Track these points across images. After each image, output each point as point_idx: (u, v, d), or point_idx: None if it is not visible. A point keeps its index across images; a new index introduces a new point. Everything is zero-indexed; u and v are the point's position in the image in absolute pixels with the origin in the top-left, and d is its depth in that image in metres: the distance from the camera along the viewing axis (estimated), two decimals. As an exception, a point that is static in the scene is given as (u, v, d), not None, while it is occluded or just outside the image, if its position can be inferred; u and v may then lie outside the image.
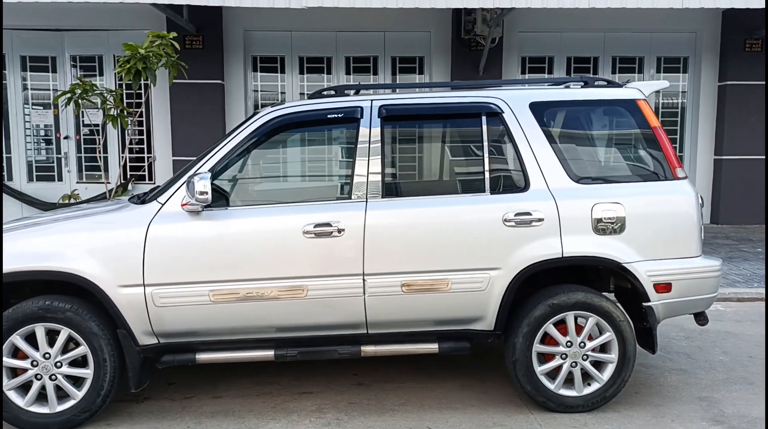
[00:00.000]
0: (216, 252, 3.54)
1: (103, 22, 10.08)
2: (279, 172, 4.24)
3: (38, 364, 3.50)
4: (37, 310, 3.46)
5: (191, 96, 10.04)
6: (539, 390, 3.72)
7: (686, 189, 3.78)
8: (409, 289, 3.61)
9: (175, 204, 3.58)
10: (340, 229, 3.57)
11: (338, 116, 3.76)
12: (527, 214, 3.64)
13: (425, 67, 10.75)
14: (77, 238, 3.53)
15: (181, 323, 3.56)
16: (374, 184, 3.66)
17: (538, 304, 3.68)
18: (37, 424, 3.51)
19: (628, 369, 3.74)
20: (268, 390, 4.13)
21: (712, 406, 3.87)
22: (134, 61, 5.98)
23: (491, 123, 3.80)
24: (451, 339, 3.77)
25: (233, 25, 10.24)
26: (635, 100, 3.88)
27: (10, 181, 10.49)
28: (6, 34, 10.20)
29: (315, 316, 3.62)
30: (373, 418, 3.71)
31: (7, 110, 10.40)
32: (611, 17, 10.26)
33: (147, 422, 3.68)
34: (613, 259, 3.66)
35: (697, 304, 3.86)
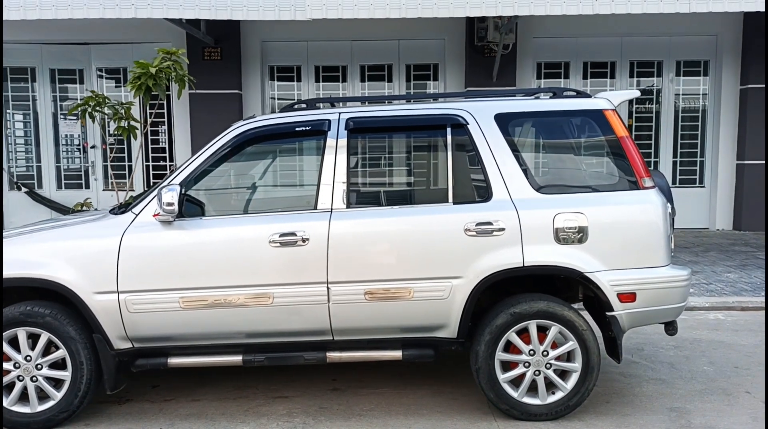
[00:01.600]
0: (185, 260, 3.69)
1: (127, 36, 10.45)
2: (250, 183, 4.39)
3: (20, 366, 3.71)
4: (18, 315, 3.67)
5: (210, 105, 10.32)
6: (502, 398, 3.76)
7: (652, 198, 3.78)
8: (372, 297, 3.70)
9: (147, 214, 3.75)
10: (304, 238, 3.69)
11: (306, 129, 3.89)
12: (488, 223, 3.69)
13: (439, 74, 10.82)
14: (56, 247, 3.73)
15: (154, 328, 3.72)
16: (339, 195, 3.77)
17: (500, 313, 3.73)
18: (20, 423, 3.72)
19: (592, 378, 3.76)
20: (246, 394, 4.26)
21: (681, 417, 3.85)
22: (144, 78, 6.23)
23: (456, 134, 3.87)
24: (415, 346, 3.84)
25: (251, 37, 10.49)
26: (602, 110, 3.89)
27: (40, 189, 10.94)
28: (36, 48, 10.68)
29: (281, 323, 3.74)
30: (338, 423, 3.81)
31: (37, 120, 10.87)
32: (628, 21, 10.14)
33: (123, 423, 3.85)
34: (574, 268, 3.68)
35: (664, 313, 3.85)
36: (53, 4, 7.82)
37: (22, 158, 11.08)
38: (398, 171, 4.30)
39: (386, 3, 7.74)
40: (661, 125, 10.89)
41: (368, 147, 4.02)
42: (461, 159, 3.87)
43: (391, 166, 4.06)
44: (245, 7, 7.84)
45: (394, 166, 4.11)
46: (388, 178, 4.18)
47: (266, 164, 4.38)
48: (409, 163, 4.45)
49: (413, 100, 4.38)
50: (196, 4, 7.84)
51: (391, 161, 4.05)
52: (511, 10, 7.74)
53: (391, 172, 4.15)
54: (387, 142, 4.07)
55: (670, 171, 10.94)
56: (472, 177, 3.87)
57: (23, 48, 10.65)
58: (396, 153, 4.26)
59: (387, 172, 4.13)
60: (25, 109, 10.92)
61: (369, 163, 4.05)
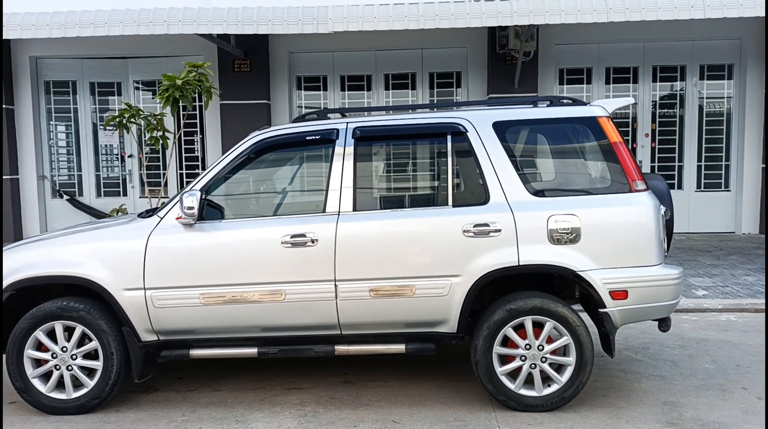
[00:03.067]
0: (205, 260, 4.02)
1: (162, 50, 10.93)
2: (265, 188, 4.70)
3: (57, 356, 4.08)
4: (55, 310, 4.04)
5: (240, 115, 10.73)
6: (500, 389, 3.98)
7: (643, 201, 3.96)
8: (376, 294, 3.96)
9: (171, 218, 4.09)
10: (313, 239, 3.98)
11: (316, 138, 4.19)
12: (485, 225, 3.93)
13: (462, 82, 11.05)
14: (90, 248, 4.10)
15: (177, 322, 4.06)
16: (346, 198, 4.06)
17: (497, 309, 3.96)
18: (56, 408, 4.09)
19: (586, 371, 3.95)
20: (263, 385, 4.57)
21: (673, 410, 4.01)
22: (172, 90, 6.64)
23: (456, 141, 4.12)
24: (417, 340, 4.09)
25: (279, 49, 10.88)
26: (596, 118, 4.09)
27: (80, 196, 11.51)
28: (77, 63, 11.27)
29: (293, 318, 4.04)
30: (346, 412, 4.08)
31: (78, 131, 11.45)
32: (651, 27, 10.23)
33: (150, 410, 4.19)
34: (567, 267, 3.89)
35: (656, 310, 4.03)
36: (91, 22, 8.32)
37: (65, 167, 11.66)
38: (402, 176, 4.57)
39: (405, 15, 8.03)
40: (685, 129, 10.92)
41: (373, 153, 4.29)
42: (461, 164, 4.12)
43: (395, 172, 4.32)
44: (270, 21, 8.22)
45: (399, 172, 4.37)
46: (392, 183, 4.45)
47: (280, 171, 4.69)
48: (412, 168, 4.72)
49: (415, 109, 4.64)
50: (224, 19, 8.24)
51: (395, 167, 4.31)
52: (526, 20, 7.95)
53: (396, 178, 4.42)
54: (392, 149, 4.34)
55: (695, 175, 10.96)
56: (471, 181, 4.11)
57: (65, 63, 11.25)
58: (400, 159, 4.52)
59: (392, 178, 4.40)
60: (67, 120, 11.50)
61: (375, 168, 4.32)
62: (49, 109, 11.43)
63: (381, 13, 8.06)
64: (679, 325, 5.93)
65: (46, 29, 8.38)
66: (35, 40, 10.46)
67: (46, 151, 11.49)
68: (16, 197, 11.19)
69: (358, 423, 3.91)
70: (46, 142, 11.48)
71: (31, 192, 11.33)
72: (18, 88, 11.13)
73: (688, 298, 6.71)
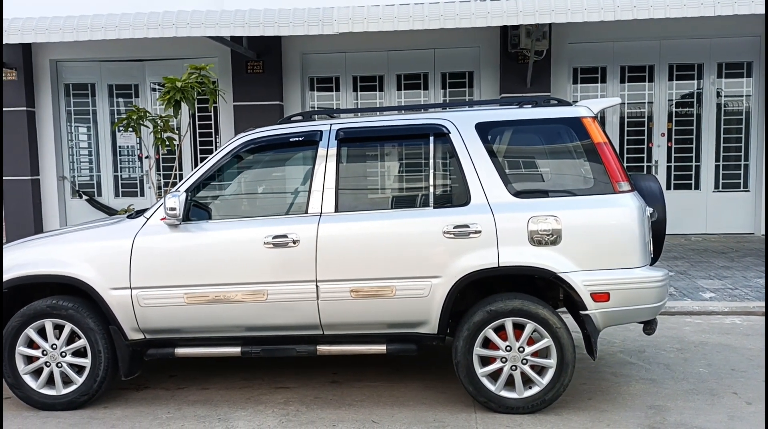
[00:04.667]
0: (189, 260, 4.08)
1: (177, 53, 11.06)
2: (250, 189, 4.75)
3: (47, 353, 4.18)
4: (45, 308, 4.14)
5: (253, 116, 10.81)
6: (481, 391, 3.97)
7: (626, 202, 3.91)
8: (357, 295, 3.98)
9: (156, 219, 4.16)
10: (294, 239, 4.01)
11: (300, 139, 4.22)
12: (465, 226, 3.92)
13: (474, 81, 11.01)
14: (79, 248, 4.19)
15: (162, 321, 4.13)
16: (328, 199, 4.08)
17: (478, 311, 3.95)
18: (46, 404, 4.19)
19: (567, 374, 3.92)
20: (251, 384, 4.62)
21: (657, 414, 3.96)
22: (173, 92, 6.74)
23: (438, 142, 4.12)
24: (399, 341, 4.10)
25: (291, 50, 10.96)
26: (580, 118, 4.05)
27: (99, 197, 11.74)
28: (95, 66, 11.50)
29: (275, 318, 4.08)
30: (328, 411, 4.11)
31: (97, 133, 11.68)
32: (667, 24, 10.05)
33: (137, 407, 4.27)
34: (547, 268, 3.86)
35: (639, 313, 3.97)
36: (103, 25, 8.48)
37: (85, 168, 11.91)
38: (384, 177, 4.59)
39: (410, 15, 8.03)
40: (702, 128, 10.71)
41: (355, 155, 4.31)
42: (443, 166, 4.12)
43: (378, 173, 4.34)
44: (276, 23, 8.28)
45: (381, 173, 4.39)
46: (375, 184, 4.46)
47: (265, 172, 4.74)
48: (395, 169, 4.73)
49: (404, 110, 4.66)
50: (231, 22, 8.34)
51: (378, 168, 4.33)
52: (532, 19, 7.89)
53: (378, 179, 4.44)
54: (375, 150, 4.36)
55: (713, 175, 10.75)
56: (452, 183, 4.11)
57: (84, 66, 11.48)
58: (383, 161, 4.54)
59: (374, 179, 4.42)
60: (86, 122, 11.75)
61: (357, 170, 4.35)
62: (69, 111, 11.69)
63: (386, 14, 8.07)
64: (681, 328, 5.83)
65: (59, 33, 8.57)
66: (55, 44, 10.69)
67: (66, 152, 11.74)
68: (36, 197, 11.47)
69: (338, 423, 3.94)
70: (66, 144, 11.74)
71: (52, 192, 11.59)
72: (38, 90, 11.40)
73: (694, 300, 6.60)
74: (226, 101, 8.88)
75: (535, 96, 4.26)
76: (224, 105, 10.95)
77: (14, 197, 11.32)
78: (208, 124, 11.36)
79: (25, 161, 11.24)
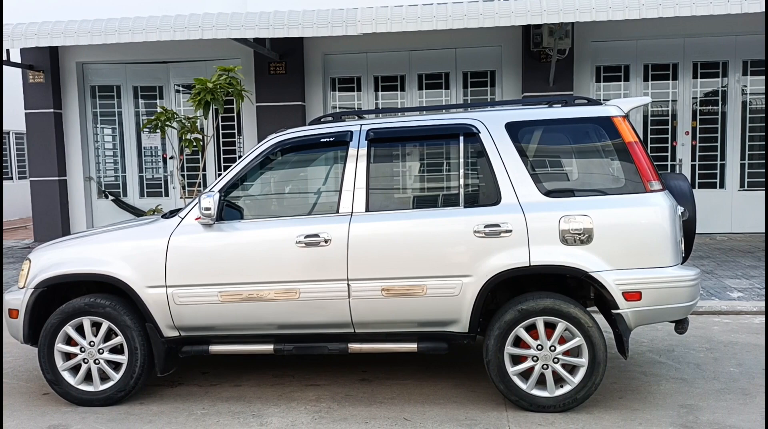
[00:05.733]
0: (223, 259, 4.15)
1: (201, 54, 11.21)
2: (282, 189, 4.81)
3: (85, 350, 4.27)
4: (83, 306, 4.23)
5: (275, 117, 10.92)
6: (512, 389, 3.99)
7: (658, 201, 3.91)
8: (388, 294, 4.03)
9: (191, 218, 4.23)
10: (326, 239, 4.06)
11: (330, 140, 4.27)
12: (496, 226, 3.95)
13: (496, 81, 11.00)
14: (116, 247, 4.28)
15: (197, 319, 4.20)
16: (359, 199, 4.13)
17: (509, 310, 3.97)
18: (84, 400, 4.28)
19: (599, 373, 3.93)
20: (282, 381, 4.68)
21: (690, 413, 3.95)
22: (203, 94, 6.84)
23: (468, 142, 4.15)
24: (429, 339, 4.14)
25: (313, 51, 11.03)
26: (610, 117, 4.06)
27: (125, 197, 11.91)
28: (121, 68, 11.66)
29: (307, 316, 4.13)
30: (360, 408, 4.15)
31: (122, 134, 11.85)
32: (691, 22, 9.94)
33: (172, 403, 4.35)
34: (579, 268, 3.88)
35: (671, 312, 3.97)
36: (130, 28, 8.61)
37: (111, 169, 12.08)
38: (414, 177, 4.63)
39: (433, 15, 8.06)
40: (727, 127, 10.62)
41: (385, 154, 4.36)
42: (473, 165, 4.14)
43: (408, 173, 4.38)
44: (300, 24, 8.36)
45: (411, 173, 4.43)
46: (405, 183, 4.50)
47: (297, 172, 4.80)
48: (424, 169, 4.76)
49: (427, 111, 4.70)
50: (256, 24, 8.42)
51: (408, 168, 4.37)
52: (556, 18, 7.88)
53: (408, 179, 4.47)
54: (405, 150, 4.39)
55: (738, 174, 10.65)
56: (482, 182, 4.13)
57: (110, 68, 11.66)
58: (413, 160, 4.57)
59: (404, 179, 4.46)
60: (112, 123, 11.91)
61: (387, 169, 4.39)
62: (95, 112, 11.86)
63: (409, 14, 8.11)
64: (709, 328, 5.81)
65: (87, 36, 8.71)
66: (81, 47, 10.87)
67: (92, 153, 11.92)
68: (64, 198, 11.66)
69: (370, 420, 3.98)
70: (92, 145, 11.91)
71: (78, 193, 11.77)
72: (65, 93, 11.59)
73: (722, 300, 6.56)
74: (253, 102, 8.96)
75: (562, 95, 4.25)
76: (247, 106, 11.04)
77: (42, 198, 11.53)
78: (231, 125, 11.48)
79: (53, 162, 11.44)
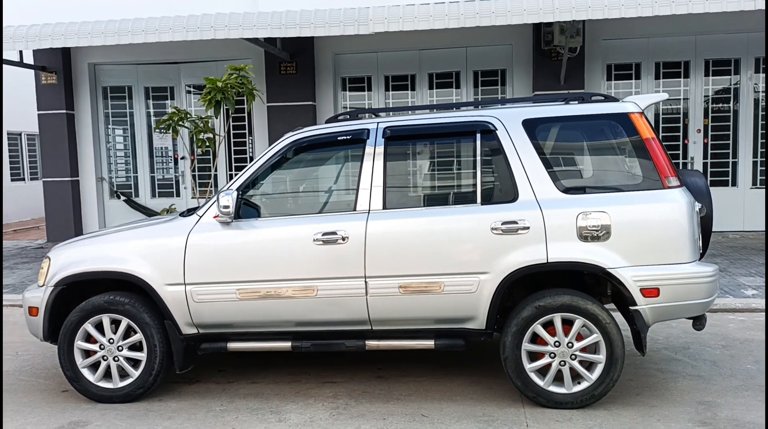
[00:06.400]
0: (241, 257, 4.18)
1: (212, 55, 11.26)
2: (299, 187, 4.84)
3: (104, 347, 4.30)
4: (103, 304, 4.27)
5: (286, 117, 10.95)
6: (529, 386, 4.00)
7: (676, 197, 3.91)
8: (405, 291, 4.04)
9: (209, 217, 4.26)
10: (344, 236, 4.08)
11: (347, 138, 4.29)
12: (514, 222, 3.95)
13: (507, 79, 11.00)
14: (135, 245, 4.31)
15: (215, 316, 4.23)
16: (376, 197, 4.14)
17: (526, 306, 3.97)
18: (103, 396, 4.32)
19: (617, 369, 3.93)
20: (299, 379, 4.70)
21: (708, 410, 3.95)
22: (214, 93, 6.87)
23: (485, 139, 4.16)
24: (446, 336, 4.15)
25: (323, 50, 11.06)
26: (627, 114, 4.06)
27: (136, 197, 11.97)
28: (132, 69, 11.73)
29: (325, 313, 4.15)
30: (377, 405, 4.17)
31: (133, 135, 11.91)
32: (703, 19, 9.91)
33: (191, 399, 4.38)
34: (597, 264, 3.88)
35: (689, 308, 3.97)
36: (143, 29, 8.66)
37: (123, 169, 12.15)
38: (432, 174, 4.64)
39: (445, 14, 8.07)
40: (739, 124, 10.57)
41: (402, 152, 4.37)
42: (490, 162, 4.15)
43: (425, 171, 4.39)
44: (312, 24, 8.38)
45: (428, 170, 4.44)
46: (422, 181, 4.52)
47: (314, 170, 4.82)
48: (441, 167, 4.78)
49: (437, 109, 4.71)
50: (268, 23, 8.45)
51: (425, 166, 4.39)
52: (569, 15, 7.87)
53: (425, 176, 4.49)
54: (422, 148, 4.41)
55: (750, 172, 10.61)
56: (499, 179, 4.14)
57: (121, 69, 11.73)
58: (430, 158, 4.59)
59: (421, 176, 4.47)
60: (123, 124, 11.98)
61: (404, 167, 4.40)
62: (107, 113, 11.93)
63: (421, 12, 8.12)
64: (725, 325, 5.79)
65: (101, 37, 8.76)
66: (93, 48, 10.93)
67: (104, 153, 11.99)
68: (76, 198, 11.73)
69: (388, 416, 4.00)
70: (104, 145, 11.98)
71: (91, 193, 11.84)
72: (78, 94, 11.66)
73: (737, 297, 6.54)
74: (264, 102, 8.99)
75: (579, 92, 4.25)
76: (258, 106, 11.08)
77: (55, 198, 11.60)
78: (242, 125, 11.52)
79: (65, 163, 11.51)
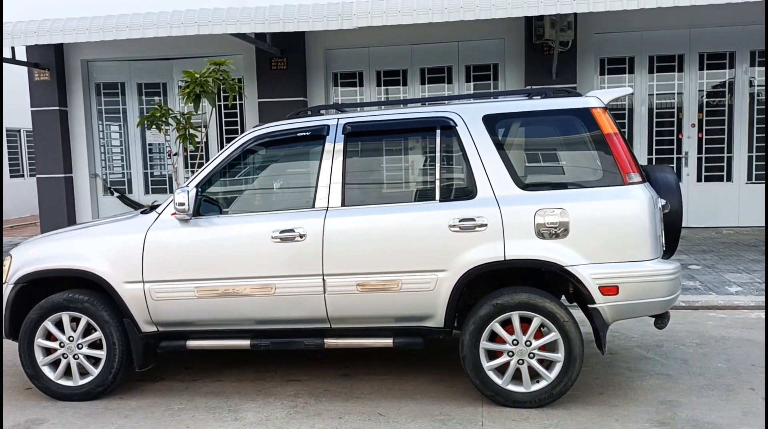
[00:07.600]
0: (199, 254, 4.15)
1: (203, 51, 11.17)
2: (260, 184, 4.80)
3: (64, 345, 4.30)
4: (62, 301, 4.26)
5: (277, 113, 10.87)
6: (487, 384, 3.95)
7: (636, 193, 3.84)
8: (363, 289, 4.00)
9: (168, 214, 4.23)
10: (302, 234, 4.04)
11: (307, 134, 4.25)
12: (471, 220, 3.90)
13: (499, 74, 10.91)
14: (94, 243, 4.30)
15: (174, 314, 4.21)
16: (335, 194, 4.10)
17: (484, 304, 3.92)
18: (64, 394, 4.31)
19: (575, 368, 3.87)
20: (263, 377, 4.67)
21: (669, 409, 3.88)
22: (193, 86, 6.84)
23: (445, 135, 4.10)
24: (405, 334, 4.10)
25: (314, 46, 11.02)
26: (589, 109, 3.99)
27: (130, 194, 12.00)
28: (124, 65, 11.74)
29: (283, 311, 4.12)
30: (336, 404, 4.14)
31: (127, 131, 11.94)
32: (697, 12, 9.80)
33: (151, 398, 4.36)
34: (554, 262, 3.82)
35: (650, 307, 3.90)
36: (128, 25, 8.64)
37: (116, 166, 12.18)
38: (392, 171, 4.60)
39: (429, 8, 7.99)
40: (734, 119, 10.44)
41: (362, 148, 4.32)
42: (449, 159, 4.10)
43: (384, 167, 4.35)
44: (296, 19, 8.34)
45: (388, 167, 4.40)
46: (381, 178, 4.47)
47: (274, 166, 4.78)
48: (401, 163, 4.73)
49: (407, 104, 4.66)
50: (252, 19, 8.42)
51: (385, 162, 4.34)
52: (554, 9, 7.77)
53: (385, 173, 4.44)
54: (382, 144, 4.36)
55: (745, 166, 10.47)
56: (459, 176, 4.09)
57: (114, 65, 11.75)
58: (390, 154, 4.54)
59: (381, 173, 4.43)
60: (116, 120, 12.01)
61: (364, 164, 4.36)
62: (100, 110, 11.97)
63: (405, 6, 8.05)
64: (703, 323, 5.71)
65: (86, 33, 8.76)
66: (86, 44, 10.95)
67: (98, 150, 12.03)
68: (70, 195, 11.78)
69: (344, 415, 3.97)
70: (98, 142, 12.02)
71: (84, 189, 11.89)
72: (71, 90, 11.69)
73: (719, 294, 6.45)
74: (247, 96, 8.96)
75: (545, 87, 4.19)
76: (249, 102, 11.08)
77: (49, 194, 11.65)
78: (234, 121, 11.51)
79: (59, 159, 11.56)
